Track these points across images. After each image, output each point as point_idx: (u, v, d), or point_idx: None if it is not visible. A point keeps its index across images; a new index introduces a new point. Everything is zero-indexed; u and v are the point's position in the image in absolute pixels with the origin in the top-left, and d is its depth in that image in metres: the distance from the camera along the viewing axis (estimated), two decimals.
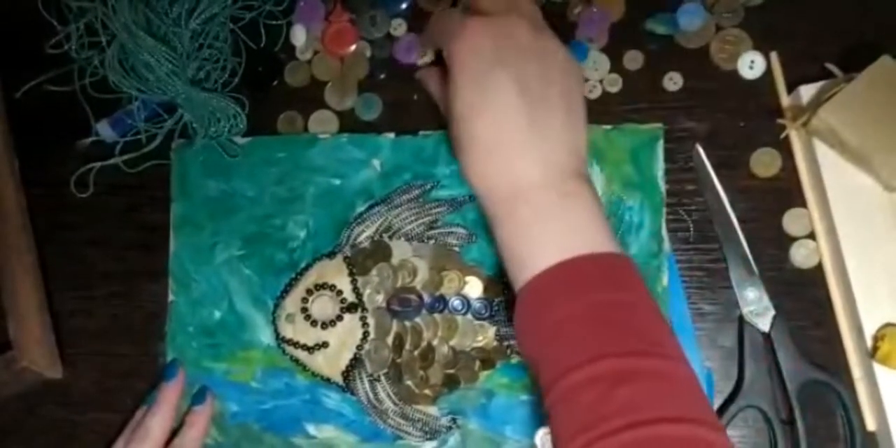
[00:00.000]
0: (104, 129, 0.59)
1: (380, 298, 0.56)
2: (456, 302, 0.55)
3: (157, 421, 0.55)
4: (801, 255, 0.55)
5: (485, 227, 0.55)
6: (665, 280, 0.54)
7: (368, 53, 0.59)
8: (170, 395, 0.56)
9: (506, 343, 0.55)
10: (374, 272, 0.56)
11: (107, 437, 0.58)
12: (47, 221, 0.61)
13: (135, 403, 0.58)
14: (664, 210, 0.55)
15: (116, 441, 0.56)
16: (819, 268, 0.54)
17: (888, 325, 0.51)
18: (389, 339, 0.55)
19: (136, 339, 0.59)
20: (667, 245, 0.54)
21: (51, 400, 0.59)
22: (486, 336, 0.55)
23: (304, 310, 0.56)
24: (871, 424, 0.52)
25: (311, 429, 0.56)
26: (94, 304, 0.60)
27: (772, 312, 0.53)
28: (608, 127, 0.56)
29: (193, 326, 0.57)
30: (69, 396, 0.59)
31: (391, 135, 0.57)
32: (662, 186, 0.55)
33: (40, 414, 0.59)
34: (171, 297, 0.58)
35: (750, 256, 0.54)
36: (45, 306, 0.59)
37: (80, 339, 0.60)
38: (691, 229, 0.56)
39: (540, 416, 0.54)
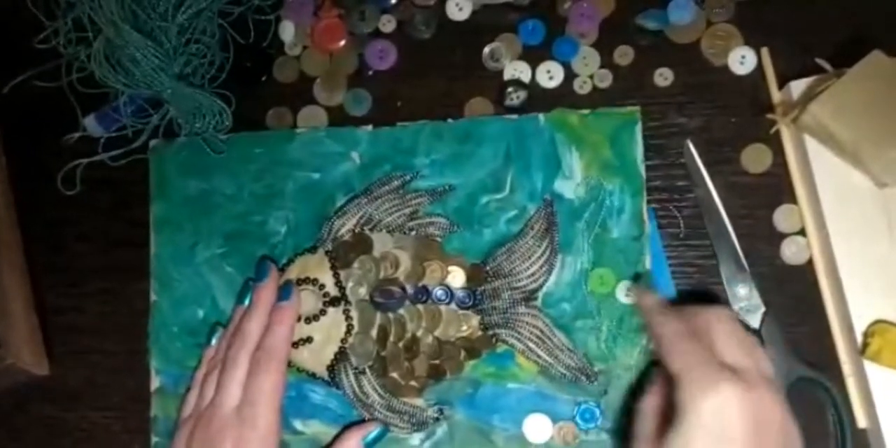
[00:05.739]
0: (91, 125, 0.59)
1: (363, 291, 0.55)
2: (439, 292, 0.55)
3: (255, 323, 0.54)
4: (791, 252, 0.54)
5: (465, 216, 0.55)
6: (647, 262, 0.54)
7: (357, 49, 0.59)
8: (265, 296, 0.55)
9: (490, 332, 0.55)
10: (356, 265, 0.56)
11: (96, 434, 0.58)
12: (35, 217, 0.61)
13: (123, 400, 0.58)
14: (644, 193, 0.54)
15: (217, 345, 0.55)
16: (809, 264, 0.54)
17: (879, 321, 0.51)
18: (374, 332, 0.55)
19: (124, 336, 0.59)
20: (648, 227, 0.54)
21: (40, 396, 0.59)
22: (471, 325, 0.55)
23: None
24: (861, 422, 0.52)
25: (298, 424, 0.56)
26: (82, 300, 0.60)
27: (762, 309, 0.53)
28: (585, 111, 0.55)
29: (177, 326, 0.57)
30: (58, 393, 0.59)
31: (368, 127, 0.57)
32: (642, 169, 0.54)
33: (29, 410, 0.59)
34: (153, 298, 0.58)
35: (741, 253, 0.54)
36: (32, 303, 0.59)
37: (69, 335, 0.59)
38: (682, 225, 0.55)
39: (527, 405, 0.54)
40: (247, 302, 0.55)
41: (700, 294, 0.55)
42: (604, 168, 0.55)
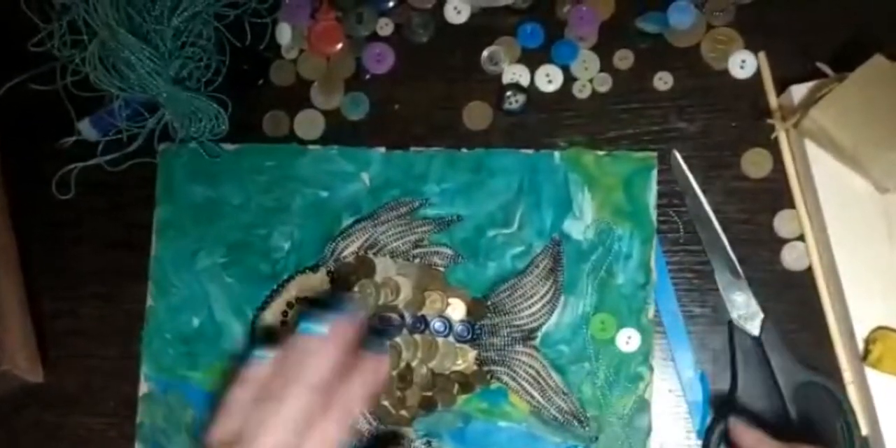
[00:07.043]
0: (86, 129, 0.59)
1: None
2: (437, 324, 0.54)
3: (326, 360, 0.44)
4: (791, 257, 0.54)
5: (471, 248, 0.55)
6: (651, 313, 0.53)
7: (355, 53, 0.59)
8: (344, 333, 0.46)
9: (486, 368, 0.54)
10: (356, 288, 0.55)
11: (92, 439, 0.57)
12: (30, 221, 0.60)
13: (119, 406, 0.57)
14: (654, 241, 0.54)
15: (260, 365, 0.45)
16: (810, 270, 0.54)
17: (880, 328, 0.51)
18: None
19: (120, 340, 0.58)
20: (654, 276, 0.54)
21: (35, 401, 0.59)
22: (467, 360, 0.54)
23: (284, 323, 0.55)
24: (863, 429, 0.52)
25: None
26: (78, 304, 0.59)
27: (760, 316, 0.53)
28: (601, 153, 0.55)
29: (171, 333, 0.57)
30: (53, 398, 0.59)
31: (382, 149, 0.57)
32: (654, 217, 0.54)
33: (24, 415, 0.59)
34: (149, 302, 0.57)
35: (735, 261, 0.54)
36: (27, 309, 0.58)
37: (65, 340, 0.59)
38: (681, 230, 0.55)
39: (517, 444, 0.54)
40: (316, 329, 0.45)
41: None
42: (615, 212, 0.54)
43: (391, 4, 0.59)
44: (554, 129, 0.57)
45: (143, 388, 0.57)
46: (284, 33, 0.59)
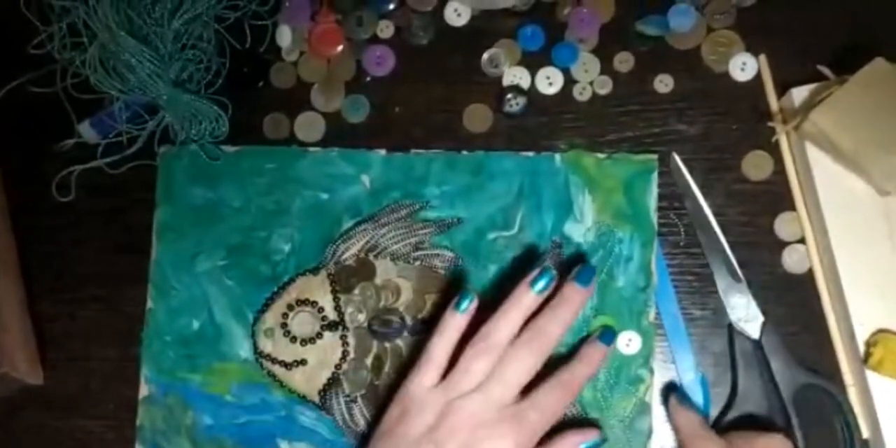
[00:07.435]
0: (86, 131, 0.59)
1: (361, 318, 0.55)
2: None
3: (559, 327, 0.47)
4: (792, 260, 0.54)
5: (472, 250, 0.55)
6: (652, 316, 0.53)
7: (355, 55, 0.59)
8: (579, 299, 0.49)
9: None
10: (357, 291, 0.55)
11: (90, 442, 0.57)
12: (30, 223, 0.60)
13: (119, 408, 0.57)
14: (655, 244, 0.54)
15: (476, 318, 0.48)
16: (811, 273, 0.54)
17: (881, 330, 0.51)
18: (369, 360, 0.55)
19: (120, 343, 0.58)
20: (655, 279, 0.54)
21: (33, 404, 0.58)
22: None
23: (284, 325, 0.55)
24: (864, 431, 0.52)
25: (285, 446, 0.55)
26: (78, 307, 0.59)
27: (760, 319, 0.53)
28: (601, 155, 0.55)
29: (171, 336, 0.57)
30: (53, 400, 0.58)
31: (382, 151, 0.57)
32: (654, 220, 0.54)
33: (22, 418, 0.59)
34: (149, 304, 0.57)
35: (735, 264, 0.54)
36: (27, 311, 0.58)
37: (65, 342, 0.59)
38: (682, 233, 0.55)
39: None
40: (540, 287, 0.48)
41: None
42: (616, 215, 0.54)
43: (391, 7, 0.59)
44: (554, 131, 0.57)
45: (143, 390, 0.56)
46: (285, 36, 0.59)
